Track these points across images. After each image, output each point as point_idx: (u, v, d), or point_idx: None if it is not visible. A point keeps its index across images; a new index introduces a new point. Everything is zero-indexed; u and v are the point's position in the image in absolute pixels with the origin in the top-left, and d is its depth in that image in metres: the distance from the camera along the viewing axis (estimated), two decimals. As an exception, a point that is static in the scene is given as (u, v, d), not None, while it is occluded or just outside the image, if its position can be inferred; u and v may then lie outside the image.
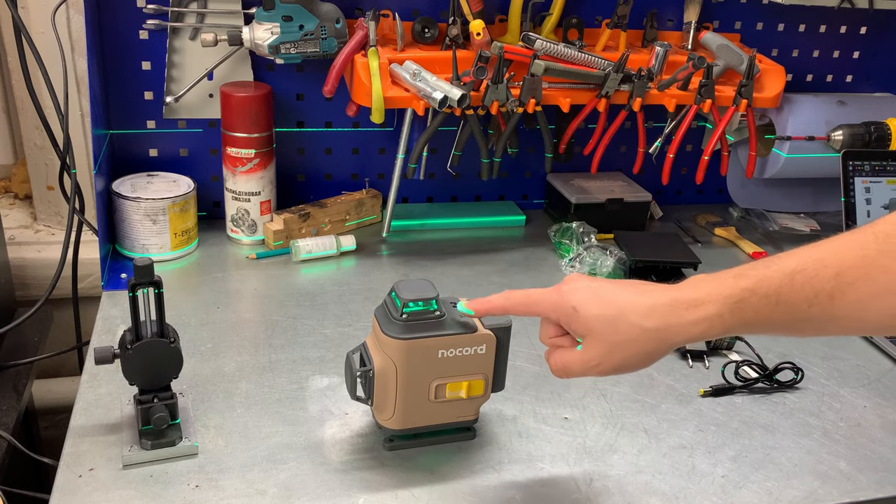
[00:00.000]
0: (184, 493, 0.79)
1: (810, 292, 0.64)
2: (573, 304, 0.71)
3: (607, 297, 0.71)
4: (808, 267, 0.65)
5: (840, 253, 0.64)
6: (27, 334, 1.31)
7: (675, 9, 1.46)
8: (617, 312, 0.69)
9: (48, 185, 1.46)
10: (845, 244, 0.65)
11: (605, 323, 0.70)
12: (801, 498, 0.86)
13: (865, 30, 1.59)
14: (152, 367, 0.83)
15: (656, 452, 0.91)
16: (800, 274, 0.65)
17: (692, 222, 1.57)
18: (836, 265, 0.64)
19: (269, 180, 1.32)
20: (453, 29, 1.28)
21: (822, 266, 0.64)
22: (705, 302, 0.67)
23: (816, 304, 0.64)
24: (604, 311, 0.70)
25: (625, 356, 0.70)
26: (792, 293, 0.65)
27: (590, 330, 0.71)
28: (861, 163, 1.34)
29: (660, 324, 0.68)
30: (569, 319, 0.72)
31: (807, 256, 0.66)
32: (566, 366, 0.74)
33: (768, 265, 0.67)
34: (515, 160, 1.51)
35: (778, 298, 0.65)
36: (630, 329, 0.69)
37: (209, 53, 1.28)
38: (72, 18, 1.29)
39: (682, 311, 0.68)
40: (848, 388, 1.06)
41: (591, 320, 0.70)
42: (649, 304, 0.69)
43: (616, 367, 0.71)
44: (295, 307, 1.16)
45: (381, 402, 0.84)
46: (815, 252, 0.66)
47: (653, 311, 0.69)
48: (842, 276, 0.64)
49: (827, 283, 0.64)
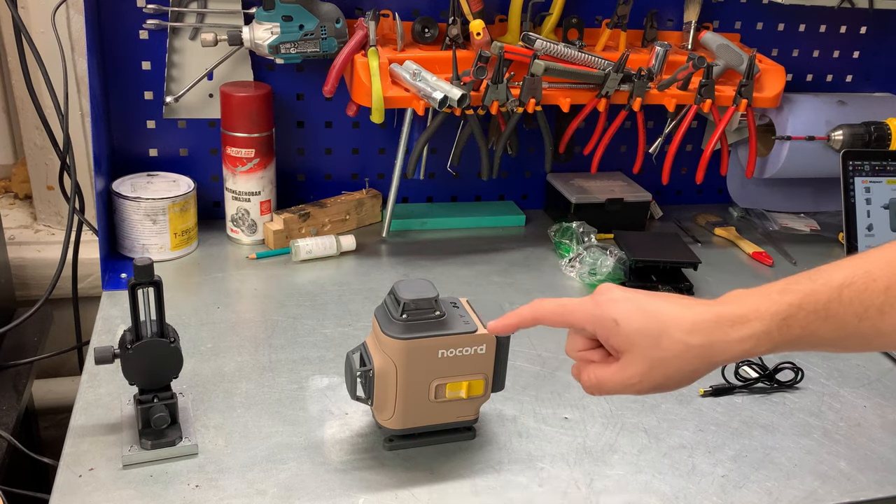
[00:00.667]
0: (184, 493, 0.79)
1: (860, 307, 0.62)
2: (614, 316, 0.68)
3: (649, 311, 0.67)
4: (857, 281, 0.62)
5: (889, 266, 0.62)
6: (27, 334, 1.31)
7: (675, 9, 1.46)
8: (660, 327, 0.66)
9: (48, 185, 1.46)
10: (892, 255, 0.63)
11: (648, 338, 0.66)
12: (801, 498, 0.86)
13: (865, 30, 1.59)
14: (152, 367, 0.83)
15: (656, 452, 0.91)
16: (848, 288, 0.63)
17: (692, 222, 1.57)
18: (886, 278, 0.62)
19: (269, 180, 1.32)
20: (453, 29, 1.28)
21: (871, 279, 0.62)
22: (751, 319, 0.64)
23: (866, 318, 0.62)
24: (646, 326, 0.66)
25: (667, 373, 0.67)
26: (841, 308, 0.63)
27: (631, 345, 0.67)
28: (861, 163, 1.34)
29: (704, 340, 0.65)
30: (608, 333, 0.68)
31: (854, 269, 0.63)
32: (601, 382, 0.70)
33: (814, 279, 0.65)
34: (515, 160, 1.51)
35: (826, 314, 0.63)
36: (674, 346, 0.65)
37: (209, 53, 1.28)
38: (72, 18, 1.29)
39: (726, 327, 0.65)
40: (848, 388, 1.06)
41: (633, 335, 0.67)
42: (693, 320, 0.66)
43: (656, 385, 0.67)
44: (295, 307, 1.16)
45: (381, 402, 0.84)
46: (863, 264, 0.63)
47: (697, 328, 0.65)
48: (892, 289, 0.62)
49: (877, 298, 0.62)
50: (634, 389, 0.68)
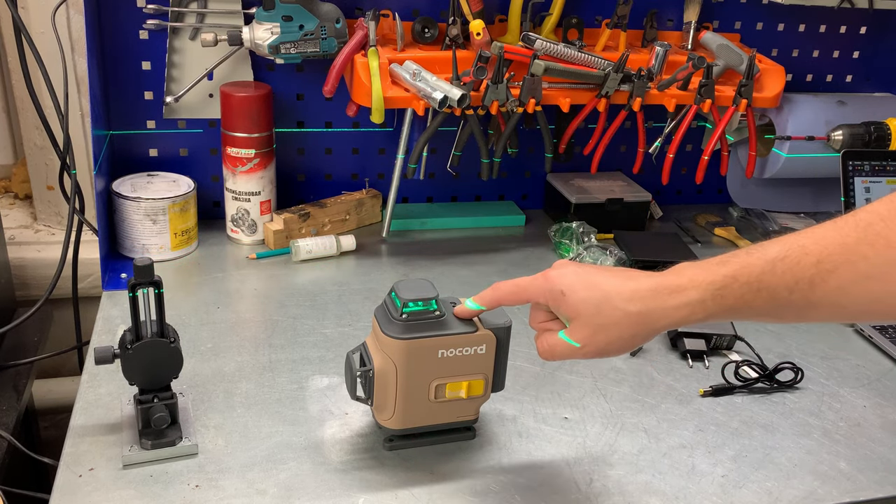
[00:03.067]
0: (184, 493, 0.79)
1: (791, 280, 0.66)
2: (561, 287, 0.73)
3: (593, 281, 0.73)
4: (791, 255, 0.66)
5: (821, 240, 0.65)
6: (27, 334, 1.31)
7: (675, 9, 1.46)
8: (602, 296, 0.71)
9: (48, 185, 1.46)
10: (827, 232, 0.66)
11: (591, 306, 0.72)
12: (801, 498, 0.86)
13: (865, 30, 1.59)
14: (152, 367, 0.83)
15: (656, 452, 0.91)
16: (781, 262, 0.66)
17: (692, 222, 1.57)
18: (817, 253, 0.65)
19: (269, 180, 1.32)
20: (453, 29, 1.28)
21: (804, 254, 0.65)
22: (687, 288, 0.69)
23: (797, 290, 0.66)
24: (590, 295, 0.72)
25: (608, 339, 0.72)
26: (773, 280, 0.66)
27: (577, 313, 0.73)
28: (861, 163, 1.34)
29: (642, 308, 0.70)
30: (557, 303, 0.74)
31: (790, 244, 0.67)
32: (552, 347, 0.76)
33: (750, 252, 0.69)
34: (515, 160, 1.51)
35: (759, 285, 0.67)
36: (613, 312, 0.71)
37: (209, 53, 1.28)
38: (72, 18, 1.29)
39: (664, 296, 0.70)
40: (848, 388, 1.06)
41: (578, 303, 0.72)
42: (633, 289, 0.71)
43: (600, 349, 0.73)
44: (295, 307, 1.16)
45: (381, 402, 0.84)
46: (798, 239, 0.67)
47: (636, 296, 0.70)
48: (822, 263, 0.65)
49: (808, 271, 0.65)
50: (580, 353, 0.74)
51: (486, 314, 0.84)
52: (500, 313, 0.84)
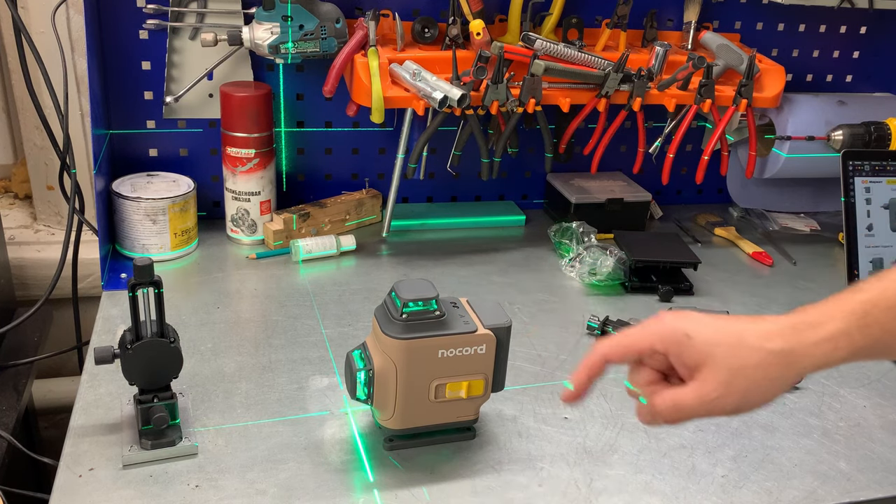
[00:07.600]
0: (184, 493, 0.79)
1: None
2: (685, 330, 0.65)
3: (719, 324, 0.65)
4: None
5: None
6: (27, 334, 1.31)
7: (675, 9, 1.46)
8: (736, 336, 0.64)
9: (48, 185, 1.46)
10: None
11: (725, 347, 0.63)
12: (800, 498, 0.86)
13: (865, 30, 1.59)
14: (152, 367, 0.83)
15: (656, 452, 0.91)
16: None
17: (692, 222, 1.57)
18: None
19: (269, 180, 1.32)
20: (453, 29, 1.28)
21: None
22: (827, 321, 0.63)
23: None
24: (721, 336, 0.64)
25: (748, 384, 0.63)
26: None
27: (707, 356, 0.63)
28: (861, 163, 1.34)
29: (784, 346, 0.63)
30: (680, 348, 0.65)
31: None
32: (677, 404, 0.65)
33: (881, 278, 0.64)
34: (515, 160, 1.51)
35: None
36: (753, 353, 0.63)
37: (209, 53, 1.28)
38: (72, 18, 1.29)
39: (805, 331, 0.63)
40: (848, 388, 1.06)
41: (709, 345, 0.63)
42: (767, 328, 0.64)
43: (739, 398, 0.64)
44: (295, 307, 1.16)
45: (381, 402, 0.84)
46: None
47: (774, 334, 0.64)
48: None
49: None
50: (717, 406, 0.64)
51: (486, 314, 0.84)
52: (500, 313, 0.84)
